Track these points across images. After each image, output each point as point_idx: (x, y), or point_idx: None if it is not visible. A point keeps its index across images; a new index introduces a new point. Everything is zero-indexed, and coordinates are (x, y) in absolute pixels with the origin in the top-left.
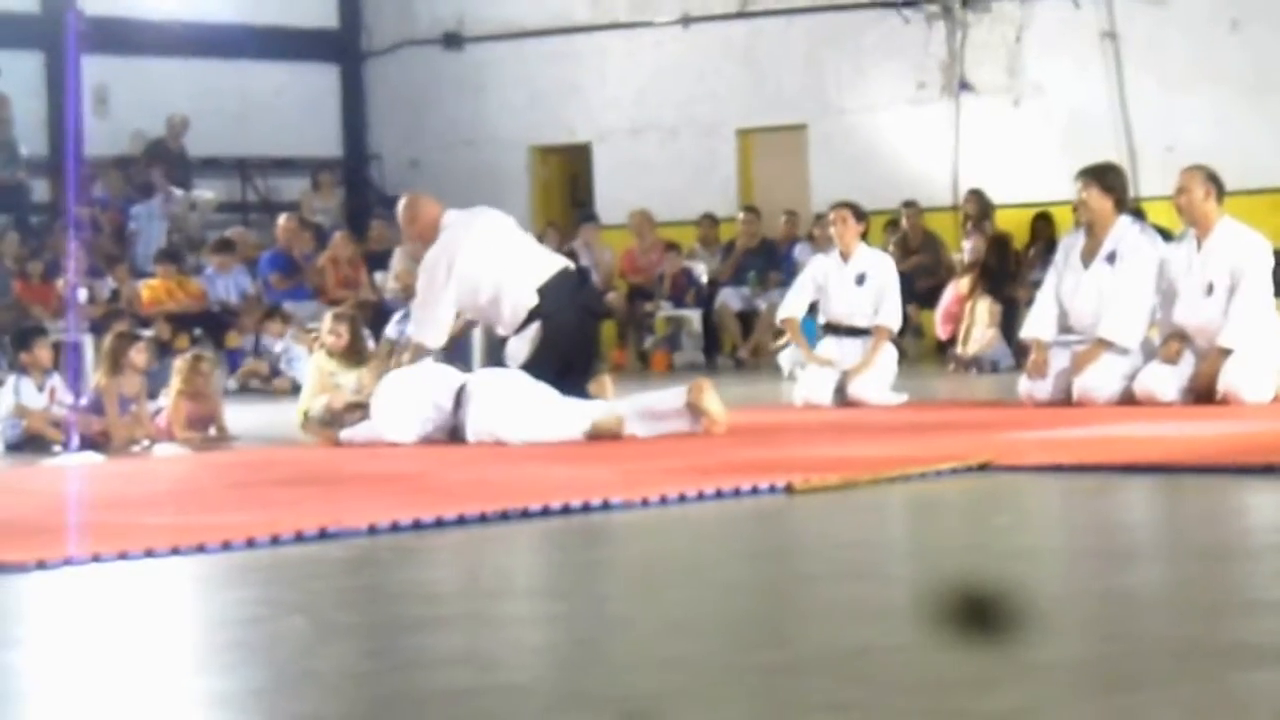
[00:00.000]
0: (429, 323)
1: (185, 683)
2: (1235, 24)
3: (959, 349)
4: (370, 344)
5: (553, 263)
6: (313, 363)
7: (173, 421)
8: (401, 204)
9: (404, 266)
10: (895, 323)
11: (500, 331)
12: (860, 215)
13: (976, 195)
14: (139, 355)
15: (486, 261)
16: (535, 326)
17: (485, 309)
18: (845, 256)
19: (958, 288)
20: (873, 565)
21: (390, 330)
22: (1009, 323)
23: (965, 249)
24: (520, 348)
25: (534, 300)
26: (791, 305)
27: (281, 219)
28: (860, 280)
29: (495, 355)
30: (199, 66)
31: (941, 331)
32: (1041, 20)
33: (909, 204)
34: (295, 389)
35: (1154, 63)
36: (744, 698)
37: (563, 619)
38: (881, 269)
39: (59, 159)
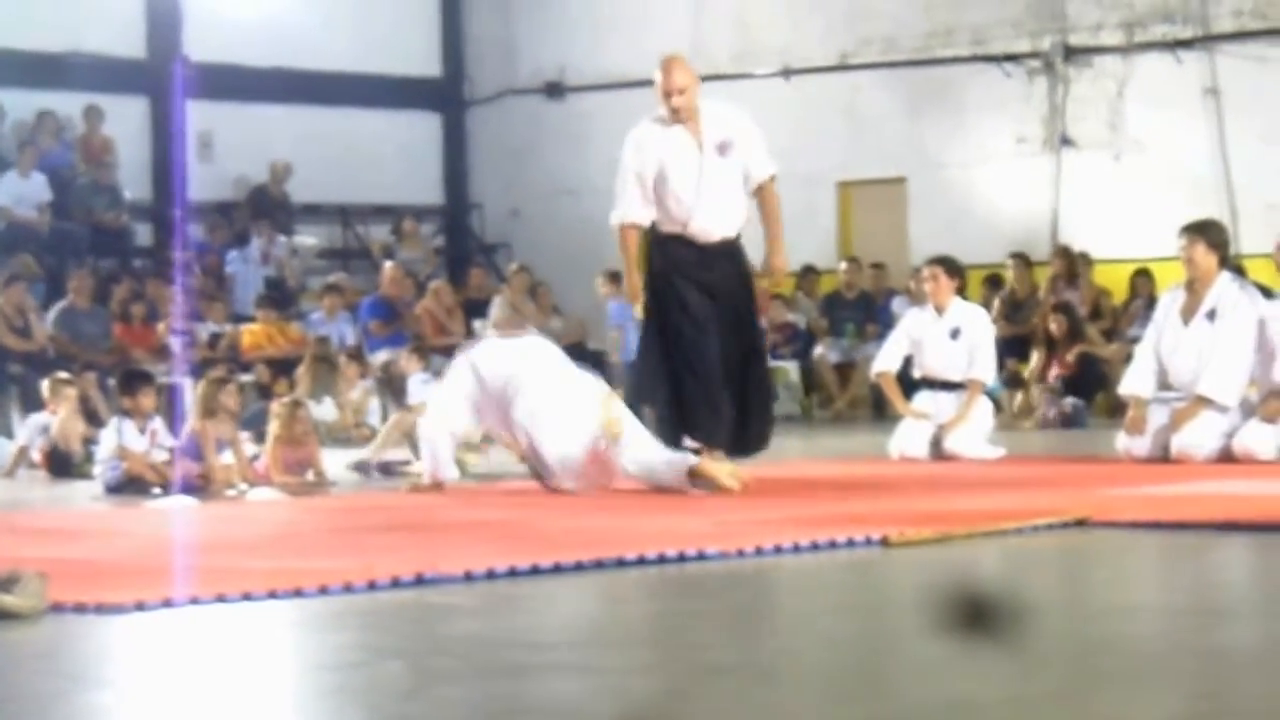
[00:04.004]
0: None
1: None
2: None
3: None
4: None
5: None
6: None
7: (270, 466)
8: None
9: (503, 314)
10: (989, 377)
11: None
12: (954, 271)
13: (1063, 253)
14: (228, 398)
15: None
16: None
17: None
18: (940, 311)
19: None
20: (967, 620)
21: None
22: (1085, 379)
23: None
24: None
25: None
26: (886, 359)
27: (388, 266)
28: (954, 334)
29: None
30: (303, 113)
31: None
32: (1143, 75)
33: (1017, 256)
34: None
35: (1256, 119)
36: None
37: (657, 668)
38: (976, 323)
39: (162, 203)
